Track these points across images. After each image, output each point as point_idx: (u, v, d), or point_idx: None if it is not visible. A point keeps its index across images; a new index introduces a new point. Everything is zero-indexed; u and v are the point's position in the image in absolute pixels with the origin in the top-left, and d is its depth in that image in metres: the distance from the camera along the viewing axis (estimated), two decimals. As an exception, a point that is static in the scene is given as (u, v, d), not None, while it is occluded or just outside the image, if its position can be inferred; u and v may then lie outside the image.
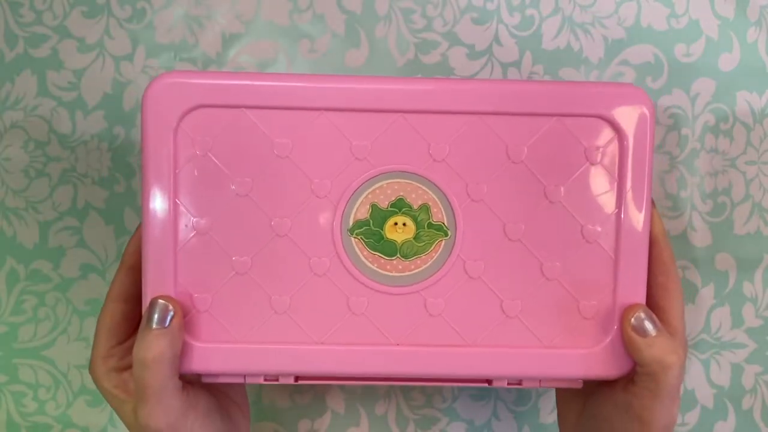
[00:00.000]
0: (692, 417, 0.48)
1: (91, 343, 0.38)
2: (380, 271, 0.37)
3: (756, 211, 0.48)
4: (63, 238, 0.47)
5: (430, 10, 0.47)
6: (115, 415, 0.47)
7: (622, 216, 0.37)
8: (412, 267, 0.37)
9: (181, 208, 0.36)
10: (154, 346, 0.34)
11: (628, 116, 0.36)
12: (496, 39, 0.47)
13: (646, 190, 0.37)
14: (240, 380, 0.38)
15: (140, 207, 0.38)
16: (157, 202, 0.36)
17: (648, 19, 0.47)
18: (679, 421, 0.48)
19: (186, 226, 0.36)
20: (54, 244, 0.47)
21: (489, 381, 0.38)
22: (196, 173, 0.36)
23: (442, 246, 0.37)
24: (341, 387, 0.48)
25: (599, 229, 0.37)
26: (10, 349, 0.47)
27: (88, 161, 0.46)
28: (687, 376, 0.48)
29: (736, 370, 0.48)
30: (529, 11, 0.47)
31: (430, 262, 0.37)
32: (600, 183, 0.37)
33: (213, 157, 0.36)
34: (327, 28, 0.47)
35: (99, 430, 0.47)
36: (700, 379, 0.48)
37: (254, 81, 0.36)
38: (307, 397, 0.48)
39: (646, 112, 0.37)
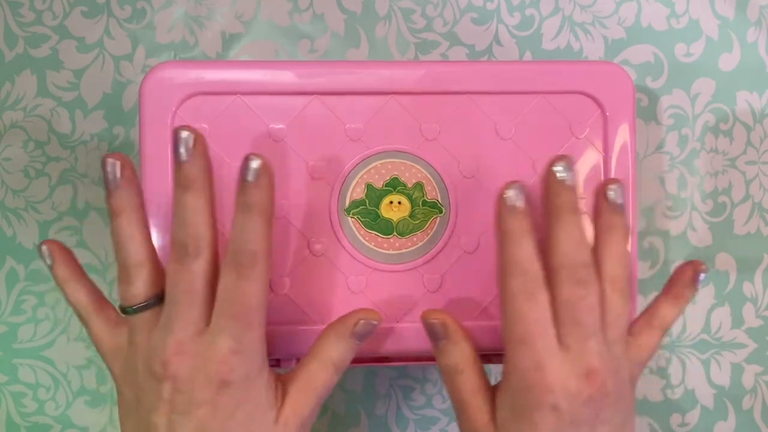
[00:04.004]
0: (692, 417, 0.48)
1: (90, 343, 0.38)
2: (378, 249, 0.37)
3: (756, 211, 0.47)
4: (63, 238, 0.46)
5: (430, 10, 0.46)
6: (115, 415, 0.46)
7: None
8: (409, 244, 0.37)
9: None
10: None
11: (609, 92, 0.37)
12: (496, 39, 0.46)
13: (630, 162, 0.38)
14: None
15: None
16: (156, 190, 0.36)
17: (648, 19, 0.47)
18: (679, 421, 0.48)
19: None
20: (54, 244, 0.46)
21: (488, 358, 0.38)
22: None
23: (437, 223, 0.37)
24: (341, 387, 0.47)
25: (587, 200, 0.37)
26: (10, 349, 0.46)
27: (88, 161, 0.46)
28: (687, 376, 0.48)
29: (736, 370, 0.47)
30: (529, 11, 0.46)
31: (426, 239, 0.37)
32: (586, 157, 0.38)
33: (210, 144, 0.36)
34: (327, 28, 0.46)
35: (98, 430, 0.46)
36: (700, 379, 0.47)
37: (248, 69, 0.37)
38: (307, 397, 0.47)
39: (627, 87, 0.37)
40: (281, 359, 0.38)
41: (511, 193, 0.32)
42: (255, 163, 0.31)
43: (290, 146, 0.37)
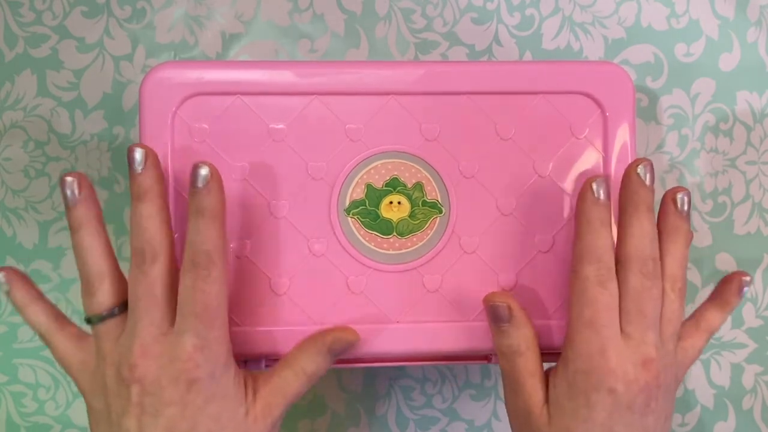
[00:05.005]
0: (692, 417, 0.48)
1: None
2: (377, 249, 0.37)
3: (756, 211, 0.47)
4: (63, 238, 0.46)
5: (430, 10, 0.46)
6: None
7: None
8: (409, 244, 0.37)
9: (180, 195, 0.36)
10: None
11: (609, 92, 0.37)
12: (496, 39, 0.46)
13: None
14: (241, 365, 0.37)
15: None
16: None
17: (648, 19, 0.47)
18: (679, 421, 0.47)
19: (184, 212, 0.36)
20: (54, 244, 0.46)
21: (488, 358, 0.39)
22: (193, 160, 0.36)
23: (437, 223, 0.37)
24: (341, 387, 0.47)
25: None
26: (10, 349, 0.46)
27: (87, 161, 0.46)
28: (687, 376, 0.48)
29: (736, 370, 0.47)
30: (529, 11, 0.46)
31: (426, 239, 0.37)
32: (586, 157, 0.37)
33: (210, 144, 0.36)
34: (327, 28, 0.46)
35: (99, 430, 0.46)
36: (700, 379, 0.47)
37: (248, 69, 0.37)
38: (307, 397, 0.47)
39: (627, 88, 0.37)
40: (281, 359, 0.37)
41: (597, 186, 0.34)
42: (203, 171, 0.33)
43: (290, 146, 0.37)
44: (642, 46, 0.46)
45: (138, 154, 0.33)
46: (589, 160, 0.37)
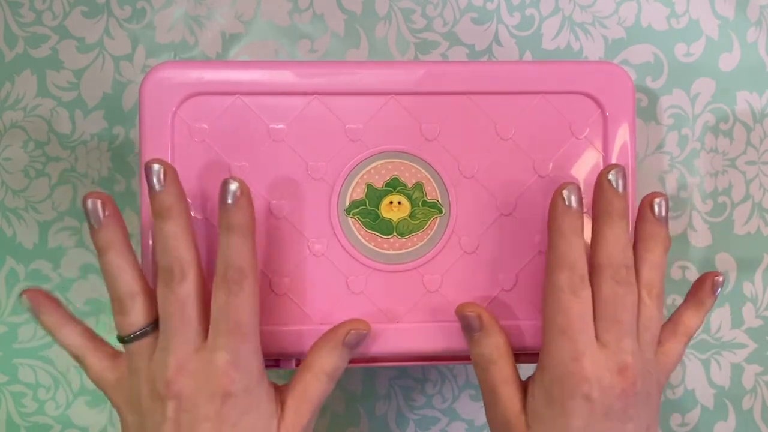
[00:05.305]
0: (692, 417, 0.48)
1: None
2: (378, 249, 0.37)
3: (756, 211, 0.47)
4: (63, 238, 0.46)
5: (430, 10, 0.46)
6: (115, 415, 0.46)
7: None
8: (409, 245, 0.37)
9: None
10: None
11: (609, 92, 0.37)
12: (496, 39, 0.46)
13: (630, 162, 0.37)
14: None
15: (140, 207, 0.37)
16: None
17: (648, 19, 0.47)
18: (679, 421, 0.47)
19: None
20: (54, 244, 0.46)
21: None
22: (193, 160, 0.36)
23: (437, 223, 0.37)
24: (341, 387, 0.47)
25: (588, 200, 0.37)
26: (10, 349, 0.46)
27: (87, 161, 0.46)
28: (687, 376, 0.48)
29: (736, 370, 0.47)
30: (529, 11, 0.46)
31: (426, 239, 0.37)
32: (586, 157, 0.37)
33: (210, 144, 0.36)
34: (327, 28, 0.46)
35: (99, 430, 0.46)
36: (700, 379, 0.47)
37: (248, 69, 0.37)
38: (307, 397, 0.47)
39: (627, 88, 0.37)
40: (281, 359, 0.38)
41: (567, 194, 0.33)
42: (233, 186, 0.32)
43: (290, 146, 0.37)
44: (642, 46, 0.46)
45: (156, 172, 0.33)
46: (589, 160, 0.37)
